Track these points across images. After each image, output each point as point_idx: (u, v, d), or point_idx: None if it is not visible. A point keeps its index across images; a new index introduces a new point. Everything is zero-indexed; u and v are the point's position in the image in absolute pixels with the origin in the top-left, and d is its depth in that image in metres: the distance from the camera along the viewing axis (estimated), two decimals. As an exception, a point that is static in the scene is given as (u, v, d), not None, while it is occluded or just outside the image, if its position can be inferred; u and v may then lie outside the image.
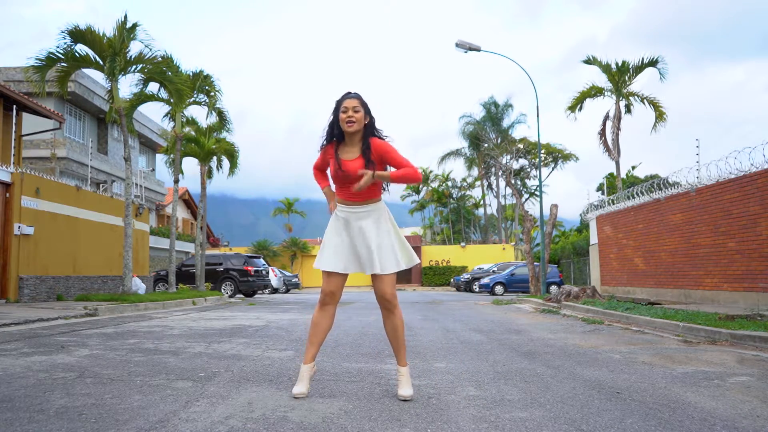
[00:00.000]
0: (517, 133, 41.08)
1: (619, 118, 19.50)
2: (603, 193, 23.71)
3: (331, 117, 3.11)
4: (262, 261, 20.50)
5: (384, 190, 3.19)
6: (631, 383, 3.48)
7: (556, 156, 40.39)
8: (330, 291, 3.08)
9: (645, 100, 19.59)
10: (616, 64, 19.40)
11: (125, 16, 11.74)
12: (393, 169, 3.05)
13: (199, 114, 52.75)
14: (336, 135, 3.09)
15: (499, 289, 22.19)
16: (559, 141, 74.21)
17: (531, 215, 19.75)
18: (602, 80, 20.01)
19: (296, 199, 44.24)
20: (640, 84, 44.20)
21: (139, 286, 14.60)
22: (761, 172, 9.72)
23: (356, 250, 3.06)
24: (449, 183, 46.41)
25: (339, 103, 3.06)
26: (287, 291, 26.70)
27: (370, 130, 3.06)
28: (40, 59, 11.61)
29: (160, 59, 12.68)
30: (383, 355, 4.66)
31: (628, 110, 19.91)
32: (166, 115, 17.54)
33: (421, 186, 47.42)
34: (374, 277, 3.05)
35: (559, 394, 3.16)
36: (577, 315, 9.26)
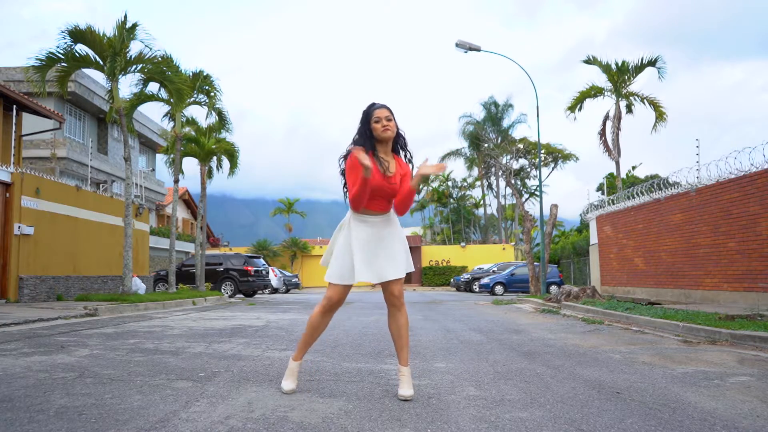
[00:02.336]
0: (517, 133, 41.17)
1: (619, 118, 19.50)
2: (603, 193, 23.71)
3: (360, 127, 3.10)
4: (262, 261, 20.50)
5: None
6: (631, 383, 3.48)
7: (556, 156, 40.39)
8: (337, 299, 3.10)
9: (645, 100, 19.59)
10: (616, 64, 19.40)
11: (125, 16, 11.73)
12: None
13: (199, 114, 52.79)
14: (366, 145, 3.05)
15: (499, 289, 22.19)
16: (559, 141, 74.35)
17: (531, 215, 19.73)
18: (602, 80, 20.02)
19: (296, 199, 44.26)
20: (639, 84, 44.32)
21: (139, 286, 14.59)
22: (761, 172, 9.72)
23: (374, 256, 3.08)
24: (449, 183, 46.44)
25: (368, 113, 3.07)
26: (287, 291, 26.70)
27: (401, 140, 3.17)
28: (40, 59, 11.61)
29: (160, 59, 12.67)
30: (383, 355, 4.67)
31: (629, 110, 19.91)
32: (166, 115, 17.54)
33: (421, 186, 47.39)
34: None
35: (559, 394, 3.16)
36: (577, 315, 9.26)
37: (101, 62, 11.92)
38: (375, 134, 3.05)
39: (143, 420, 2.54)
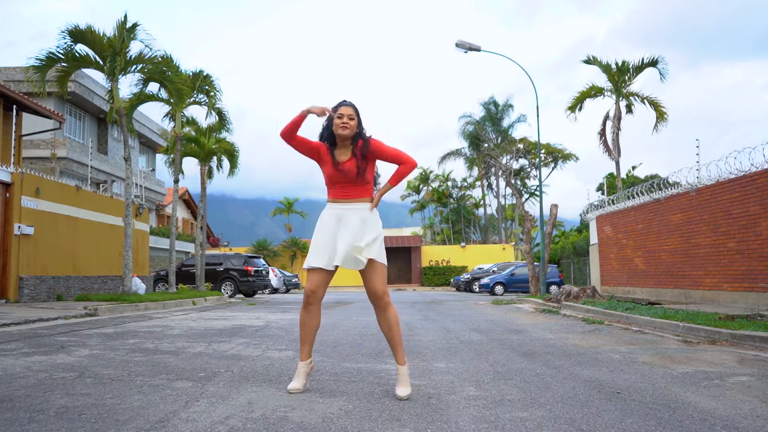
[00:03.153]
0: (517, 133, 41.09)
1: (619, 118, 19.50)
2: (603, 193, 23.71)
3: (326, 122, 3.27)
4: (262, 261, 20.50)
5: (377, 185, 3.33)
6: (631, 383, 3.48)
7: (556, 156, 40.37)
8: (311, 289, 3.14)
9: (645, 100, 19.58)
10: (616, 64, 19.40)
11: (125, 16, 11.74)
12: (386, 179, 3.27)
13: (199, 114, 52.76)
14: (327, 138, 3.24)
15: (499, 289, 22.19)
16: (559, 141, 74.26)
17: (531, 215, 19.73)
18: (602, 80, 20.02)
19: (296, 199, 44.23)
20: (639, 84, 44.27)
21: (139, 286, 14.59)
22: (761, 172, 9.72)
23: (341, 246, 3.11)
24: (449, 183, 46.42)
25: (335, 109, 3.21)
26: (287, 291, 26.70)
27: (359, 136, 3.23)
28: (40, 59, 11.61)
29: (160, 59, 12.67)
30: (383, 355, 4.67)
31: (629, 110, 19.91)
32: (166, 115, 17.54)
33: (421, 186, 47.46)
34: (364, 274, 3.12)
35: (559, 394, 3.16)
36: (577, 315, 9.26)
37: (101, 62, 11.92)
38: (333, 128, 3.18)
39: (143, 420, 2.54)
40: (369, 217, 3.17)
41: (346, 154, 3.21)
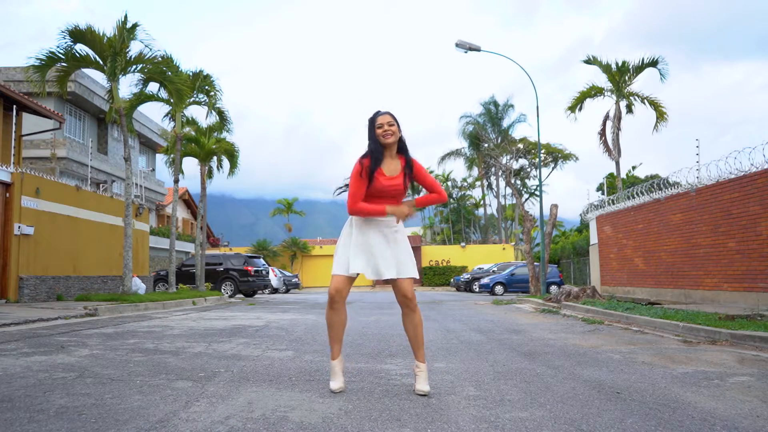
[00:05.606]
0: (517, 133, 41.12)
1: (619, 118, 19.50)
2: (603, 193, 23.71)
3: (369, 134, 3.25)
4: (262, 261, 20.50)
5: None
6: (631, 383, 3.48)
7: (556, 156, 40.37)
8: (335, 289, 3.21)
9: (645, 100, 19.59)
10: (616, 64, 19.41)
11: (125, 16, 11.73)
12: (422, 193, 3.41)
13: (199, 114, 52.76)
14: (375, 151, 3.20)
15: (499, 289, 22.18)
16: (559, 141, 74.23)
17: (531, 215, 19.72)
18: (602, 80, 20.04)
19: (295, 199, 44.25)
20: (639, 84, 44.28)
21: (139, 286, 14.59)
22: (761, 172, 9.72)
23: (376, 253, 3.19)
24: (449, 183, 46.43)
25: (372, 121, 3.24)
26: (287, 291, 26.69)
27: (403, 144, 3.28)
28: (40, 59, 11.61)
29: (160, 59, 12.67)
30: (383, 355, 4.67)
31: (629, 110, 19.91)
32: (166, 115, 17.53)
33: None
34: (394, 280, 3.21)
35: (559, 394, 3.16)
36: (577, 315, 9.26)
37: (101, 62, 11.92)
38: (379, 139, 3.20)
39: (143, 420, 2.54)
40: (393, 231, 3.24)
41: (395, 167, 3.23)
